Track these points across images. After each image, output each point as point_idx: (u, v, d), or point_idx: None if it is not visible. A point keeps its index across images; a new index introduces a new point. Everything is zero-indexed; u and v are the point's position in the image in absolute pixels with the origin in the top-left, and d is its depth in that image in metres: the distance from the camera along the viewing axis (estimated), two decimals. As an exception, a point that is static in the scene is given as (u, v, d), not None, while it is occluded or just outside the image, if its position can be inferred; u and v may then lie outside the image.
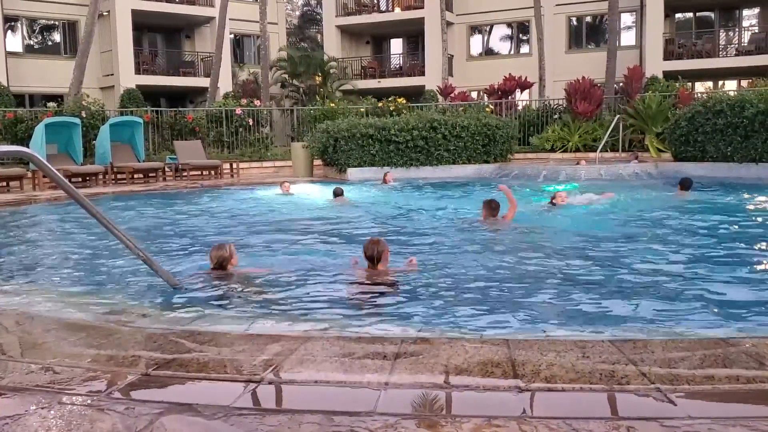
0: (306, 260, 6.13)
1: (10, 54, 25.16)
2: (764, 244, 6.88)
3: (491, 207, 7.80)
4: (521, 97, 22.66)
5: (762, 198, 10.46)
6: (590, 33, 29.90)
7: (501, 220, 7.75)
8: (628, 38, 27.86)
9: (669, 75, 24.28)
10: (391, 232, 7.81)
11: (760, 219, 8.72)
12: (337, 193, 10.97)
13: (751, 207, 9.94)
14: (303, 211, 10.30)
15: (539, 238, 7.11)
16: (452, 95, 21.94)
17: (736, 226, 7.94)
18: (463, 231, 7.72)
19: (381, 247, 5.09)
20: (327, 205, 10.68)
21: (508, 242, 6.94)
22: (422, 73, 29.53)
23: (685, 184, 10.19)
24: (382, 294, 4.87)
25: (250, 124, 20.37)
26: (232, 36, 29.92)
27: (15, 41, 26.50)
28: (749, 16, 28.01)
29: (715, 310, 4.22)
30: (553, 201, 9.10)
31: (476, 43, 31.87)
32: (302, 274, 5.47)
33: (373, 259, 5.06)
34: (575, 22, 29.47)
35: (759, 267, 5.69)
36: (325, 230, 8.28)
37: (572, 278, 5.21)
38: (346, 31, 31.94)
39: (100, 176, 15.17)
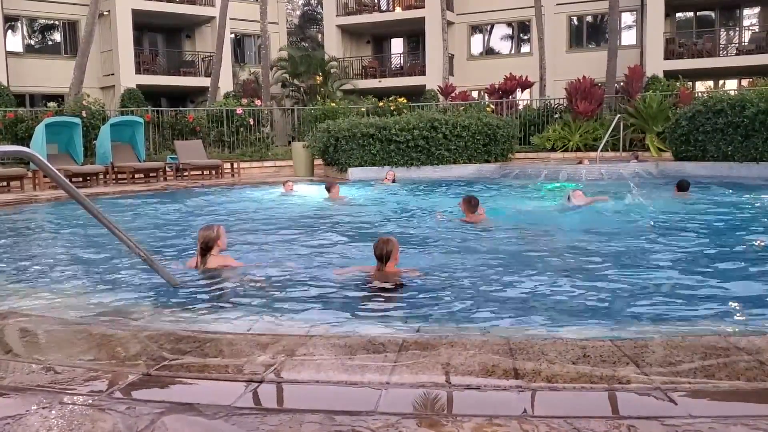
0: (308, 259, 6.13)
1: (10, 54, 25.17)
2: (765, 243, 6.88)
3: (470, 204, 8.03)
4: (522, 97, 22.67)
5: (763, 197, 10.46)
6: (591, 32, 29.91)
7: (480, 216, 8.03)
8: (628, 37, 27.86)
9: (669, 74, 24.30)
10: (389, 231, 7.81)
11: (760, 218, 8.72)
12: (329, 188, 11.04)
13: (752, 206, 9.93)
14: (305, 210, 10.31)
15: (541, 238, 7.11)
16: (453, 95, 21.94)
17: (737, 226, 7.94)
18: (461, 230, 7.73)
19: (390, 246, 5.06)
20: (328, 205, 10.69)
21: (510, 241, 6.95)
22: (423, 73, 29.54)
23: (682, 185, 10.22)
24: (387, 293, 4.87)
25: (251, 123, 20.38)
26: (232, 36, 29.93)
27: (15, 41, 26.51)
28: (750, 16, 28.01)
29: (716, 309, 4.22)
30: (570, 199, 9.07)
31: (477, 43, 31.88)
32: (304, 274, 5.47)
33: (382, 258, 5.05)
34: (576, 22, 29.48)
35: (759, 266, 5.69)
36: (327, 229, 8.28)
37: (573, 277, 5.20)
38: (347, 31, 31.95)
39: (101, 176, 15.17)
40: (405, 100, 21.71)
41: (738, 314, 4.12)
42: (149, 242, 7.08)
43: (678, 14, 28.43)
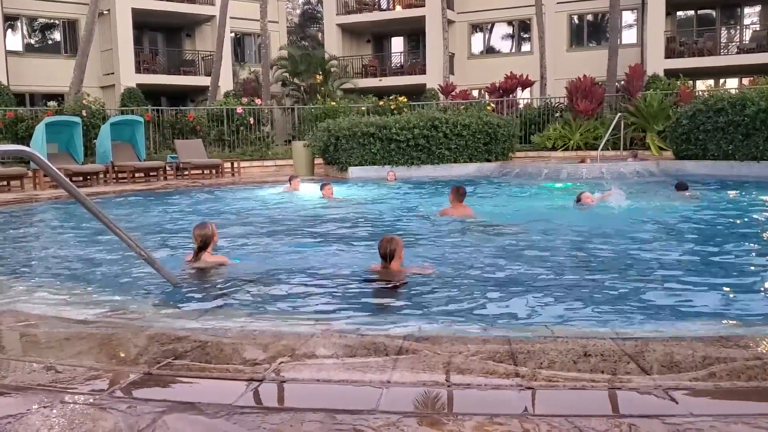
0: (309, 258, 6.13)
1: (10, 53, 25.16)
2: (765, 241, 6.88)
3: (459, 192, 8.23)
4: (522, 96, 22.65)
5: (763, 196, 10.46)
6: (591, 31, 29.88)
7: (467, 209, 8.19)
8: (629, 36, 27.84)
9: (670, 73, 24.28)
10: (387, 230, 7.81)
11: (761, 217, 8.71)
12: (324, 187, 11.18)
13: (753, 205, 9.93)
14: (305, 209, 10.31)
15: (542, 236, 7.11)
16: (453, 94, 21.93)
17: (738, 224, 7.94)
18: (460, 229, 7.74)
19: (393, 245, 5.08)
20: (328, 204, 10.70)
21: (510, 240, 6.94)
22: (423, 72, 29.51)
23: (680, 186, 10.23)
24: (389, 292, 4.87)
25: (251, 123, 20.38)
26: (232, 35, 29.92)
27: (15, 40, 26.50)
28: (750, 14, 27.98)
29: (717, 308, 4.22)
30: (580, 200, 9.00)
31: (477, 42, 31.86)
32: (305, 272, 5.47)
33: (386, 257, 5.06)
34: (576, 21, 29.45)
35: (760, 264, 5.69)
36: (328, 228, 8.29)
37: (575, 276, 5.21)
38: (347, 30, 31.93)
39: (101, 175, 15.19)
40: (405, 99, 21.71)
41: (739, 313, 4.11)
42: (149, 241, 7.08)
43: (679, 13, 28.40)
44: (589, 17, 29.37)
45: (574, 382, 2.55)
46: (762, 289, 4.82)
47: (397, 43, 33.34)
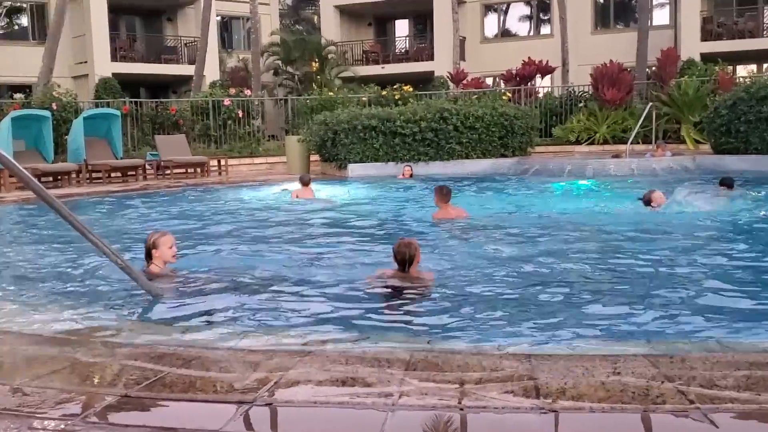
0: (304, 265, 6.14)
1: (-28, 40, 25.30)
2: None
3: (442, 193, 8.36)
4: (542, 84, 22.64)
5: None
6: (619, 11, 29.87)
7: (459, 211, 8.40)
8: (661, 17, 27.83)
9: (707, 57, 24.23)
10: (390, 231, 7.81)
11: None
12: (305, 182, 11.51)
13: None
14: (301, 212, 10.31)
15: (566, 241, 7.09)
16: (464, 82, 21.95)
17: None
18: (458, 232, 7.74)
19: (412, 250, 5.10)
20: (327, 206, 10.71)
21: (531, 246, 6.93)
22: (431, 58, 29.54)
23: (727, 182, 10.15)
24: (399, 301, 4.88)
25: (240, 116, 20.41)
26: (218, 18, 30.00)
27: (-22, 26, 26.66)
28: (797, -9, 27.94)
29: (763, 322, 4.20)
30: (650, 204, 8.67)
31: (491, 24, 31.88)
32: (300, 281, 5.48)
33: (405, 262, 5.08)
34: (602, 0, 29.44)
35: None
36: (326, 232, 8.30)
37: (603, 286, 5.19)
38: (346, 12, 31.97)
39: (74, 175, 15.24)
40: (411, 89, 21.72)
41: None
42: (127, 249, 7.08)
43: (716, -10, 28.40)
44: (616, -4, 29.38)
45: (601, 403, 2.54)
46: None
47: (402, 27, 33.39)
